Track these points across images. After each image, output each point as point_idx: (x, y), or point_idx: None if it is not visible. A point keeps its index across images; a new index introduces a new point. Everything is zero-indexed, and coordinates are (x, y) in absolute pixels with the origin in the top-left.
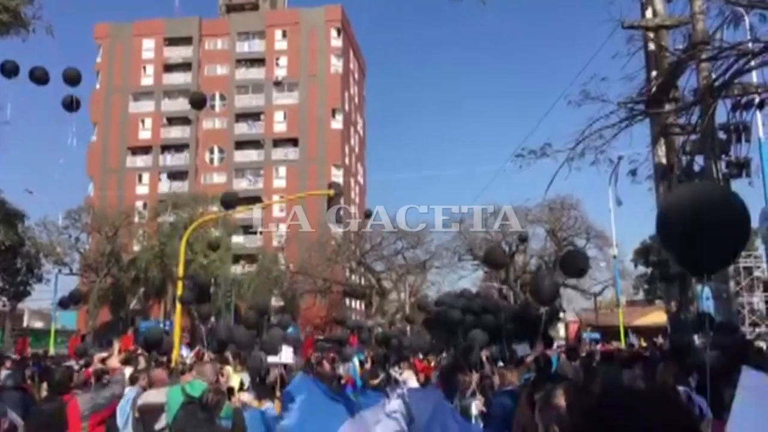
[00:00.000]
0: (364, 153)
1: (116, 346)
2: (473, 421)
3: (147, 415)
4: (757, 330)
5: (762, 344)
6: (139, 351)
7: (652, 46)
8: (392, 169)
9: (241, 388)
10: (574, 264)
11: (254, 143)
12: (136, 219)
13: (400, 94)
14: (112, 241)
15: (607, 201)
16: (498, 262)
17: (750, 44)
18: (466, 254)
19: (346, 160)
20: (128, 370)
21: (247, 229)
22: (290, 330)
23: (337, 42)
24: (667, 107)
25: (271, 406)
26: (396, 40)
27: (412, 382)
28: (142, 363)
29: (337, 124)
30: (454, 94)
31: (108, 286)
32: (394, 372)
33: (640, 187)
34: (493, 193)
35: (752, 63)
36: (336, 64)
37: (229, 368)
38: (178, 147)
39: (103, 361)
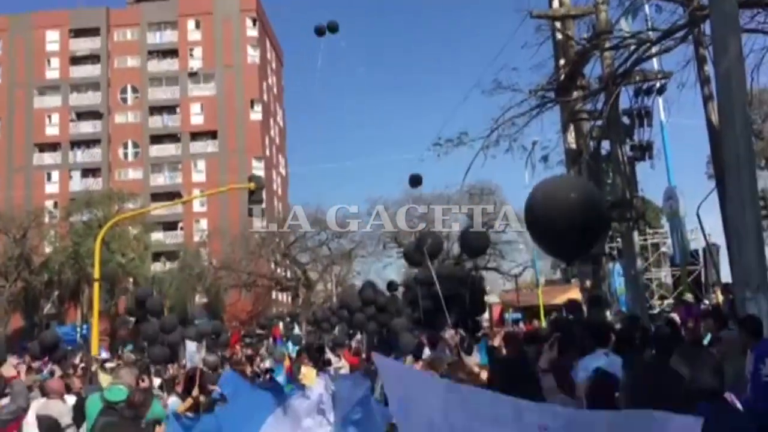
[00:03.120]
0: (285, 144)
1: (57, 371)
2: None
3: (43, 426)
4: (665, 302)
5: (674, 316)
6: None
7: (559, 35)
8: (314, 160)
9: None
10: (475, 244)
11: (171, 137)
12: (47, 219)
13: (318, 83)
14: (21, 243)
15: (523, 186)
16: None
17: (650, 33)
18: (391, 242)
19: (267, 152)
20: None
21: (167, 225)
22: (197, 322)
23: (252, 32)
24: (575, 94)
25: (174, 400)
26: (311, 28)
27: (345, 370)
28: (57, 372)
29: (256, 115)
30: (372, 84)
31: (19, 290)
32: (332, 357)
33: (553, 171)
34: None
35: (652, 50)
36: (253, 54)
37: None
38: (89, 142)
39: None
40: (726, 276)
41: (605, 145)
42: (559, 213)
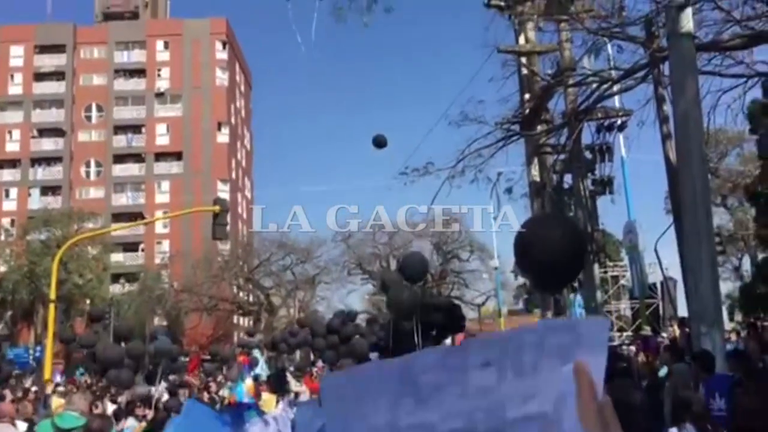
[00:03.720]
0: (252, 167)
1: (8, 395)
2: None
3: None
4: (624, 334)
5: (632, 348)
6: None
7: (525, 70)
8: (280, 184)
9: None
10: (413, 270)
11: (135, 156)
12: (3, 237)
13: (286, 108)
14: None
15: (488, 215)
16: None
17: (612, 72)
18: (355, 269)
19: (233, 175)
20: None
21: (127, 246)
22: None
23: (222, 54)
24: (539, 128)
25: (131, 423)
26: (282, 55)
27: (306, 396)
28: (8, 396)
29: (223, 137)
30: (340, 109)
31: None
32: (293, 383)
33: (517, 203)
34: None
35: (614, 89)
36: (221, 77)
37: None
38: (51, 160)
39: None
40: (683, 309)
41: (568, 178)
42: (547, 248)
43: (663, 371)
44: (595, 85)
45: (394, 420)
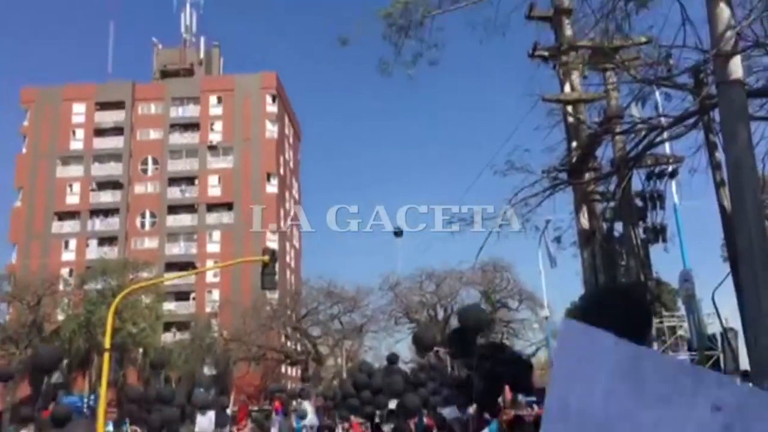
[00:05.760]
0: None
1: None
2: None
3: None
4: None
5: None
6: None
7: (571, 119)
8: (328, 234)
9: None
10: (471, 320)
11: (188, 207)
12: (61, 287)
13: (334, 159)
14: (35, 310)
15: (537, 263)
16: (427, 345)
17: (661, 119)
18: (402, 317)
19: (282, 224)
20: None
21: (179, 295)
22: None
23: (272, 108)
24: (587, 176)
25: None
26: (331, 107)
27: None
28: None
29: (272, 188)
30: (387, 162)
31: (28, 358)
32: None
33: (566, 251)
34: (427, 256)
35: (664, 135)
36: (271, 129)
37: None
38: (108, 212)
39: None
40: (746, 362)
41: (618, 226)
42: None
43: None
44: (643, 133)
45: (608, 397)
